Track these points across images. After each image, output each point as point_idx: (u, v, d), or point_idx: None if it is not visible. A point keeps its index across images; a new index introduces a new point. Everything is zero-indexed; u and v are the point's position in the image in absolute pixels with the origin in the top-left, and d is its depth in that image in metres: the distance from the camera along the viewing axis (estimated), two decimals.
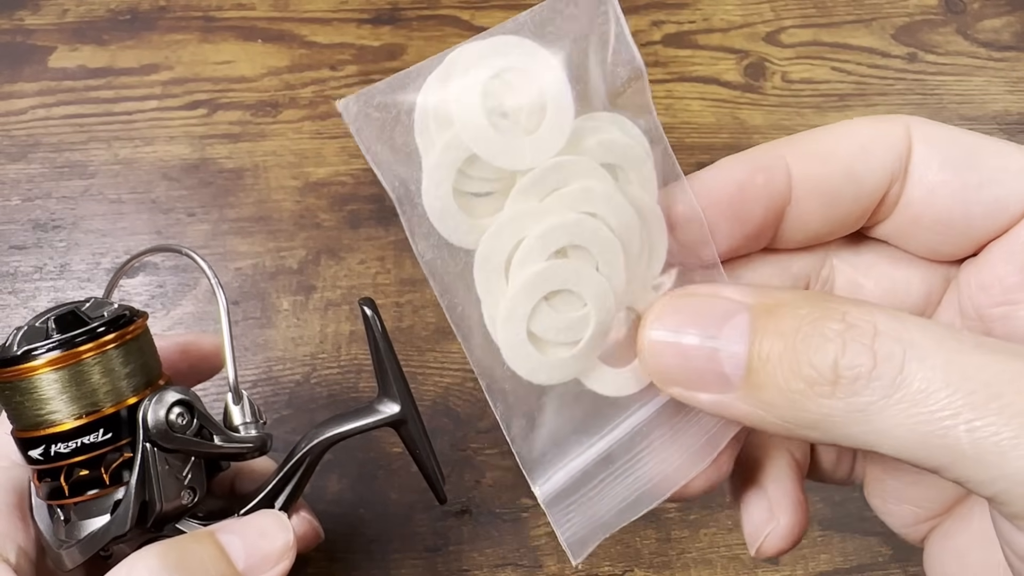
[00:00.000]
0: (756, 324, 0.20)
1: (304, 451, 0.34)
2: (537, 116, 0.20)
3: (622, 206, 0.21)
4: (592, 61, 0.21)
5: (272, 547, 0.30)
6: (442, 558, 0.42)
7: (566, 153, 0.20)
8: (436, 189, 0.20)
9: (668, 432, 0.23)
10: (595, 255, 0.21)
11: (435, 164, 0.20)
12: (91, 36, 0.63)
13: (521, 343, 0.21)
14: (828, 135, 0.24)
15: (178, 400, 0.31)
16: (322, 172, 0.56)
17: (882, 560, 0.42)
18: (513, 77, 0.20)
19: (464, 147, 0.20)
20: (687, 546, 0.42)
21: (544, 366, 0.21)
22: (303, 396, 0.47)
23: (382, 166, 0.20)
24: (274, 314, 0.50)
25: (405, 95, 0.20)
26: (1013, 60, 0.63)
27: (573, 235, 0.21)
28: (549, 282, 0.21)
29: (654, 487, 0.23)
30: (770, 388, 0.19)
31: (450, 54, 0.20)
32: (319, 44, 0.63)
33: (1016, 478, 0.17)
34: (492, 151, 0.20)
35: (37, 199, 0.54)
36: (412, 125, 0.20)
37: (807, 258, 0.25)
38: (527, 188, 0.20)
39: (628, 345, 0.22)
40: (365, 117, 0.19)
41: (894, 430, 0.18)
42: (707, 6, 0.65)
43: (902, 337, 0.18)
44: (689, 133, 0.58)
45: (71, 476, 0.30)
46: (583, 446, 0.22)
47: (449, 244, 0.20)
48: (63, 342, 0.30)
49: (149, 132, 0.58)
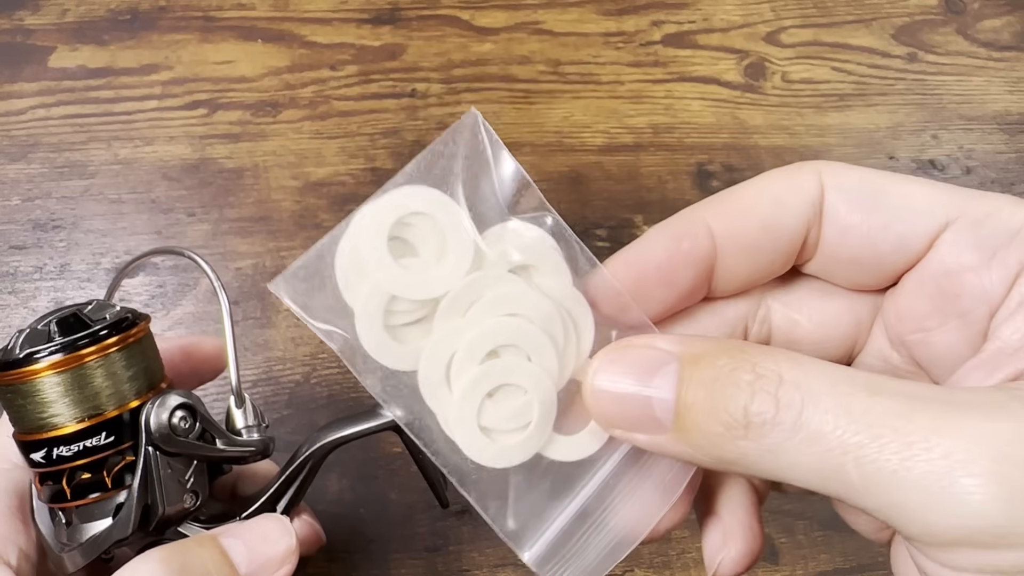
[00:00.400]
0: (683, 374, 0.22)
1: (306, 455, 0.34)
2: (442, 245, 0.23)
3: (537, 299, 0.24)
4: (482, 184, 0.24)
5: (275, 551, 0.30)
6: (442, 558, 0.42)
7: (475, 270, 0.23)
8: (369, 331, 0.23)
9: (632, 480, 0.25)
10: (524, 348, 0.24)
11: (362, 311, 0.23)
12: (91, 36, 0.63)
13: (476, 437, 0.24)
14: (745, 191, 0.26)
15: (181, 403, 0.31)
16: (322, 172, 0.56)
17: (882, 560, 0.42)
18: (414, 220, 0.23)
19: (383, 291, 0.23)
20: (687, 546, 0.42)
21: (503, 452, 0.24)
22: (303, 396, 0.47)
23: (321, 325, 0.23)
24: (274, 314, 0.50)
25: (324, 262, 0.23)
26: (1013, 60, 0.63)
27: (497, 337, 0.24)
28: (486, 382, 0.24)
29: (628, 533, 0.25)
30: (694, 431, 0.22)
31: (353, 217, 0.23)
32: (319, 44, 0.63)
33: (901, 505, 0.20)
34: (408, 288, 0.23)
35: (37, 199, 0.54)
36: (336, 285, 0.23)
37: (742, 303, 0.27)
38: (448, 309, 0.23)
39: (579, 412, 0.25)
40: (294, 291, 0.23)
41: (798, 467, 0.21)
42: (707, 6, 0.65)
43: (801, 384, 0.21)
44: (689, 133, 0.58)
45: (73, 479, 0.30)
46: (558, 509, 0.25)
47: (394, 372, 0.24)
48: (65, 345, 0.30)
49: (149, 132, 0.58)
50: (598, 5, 0.65)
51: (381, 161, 0.56)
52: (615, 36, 0.64)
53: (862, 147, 0.58)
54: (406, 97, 0.60)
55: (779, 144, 0.57)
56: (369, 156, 0.56)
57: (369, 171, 0.56)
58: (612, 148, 0.57)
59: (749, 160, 0.56)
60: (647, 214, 0.53)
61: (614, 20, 0.65)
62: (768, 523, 0.43)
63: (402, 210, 0.23)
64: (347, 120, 0.58)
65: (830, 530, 0.43)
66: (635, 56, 0.62)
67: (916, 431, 0.20)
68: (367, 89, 0.60)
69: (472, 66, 0.62)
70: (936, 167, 0.57)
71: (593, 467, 0.25)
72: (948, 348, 0.25)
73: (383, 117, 0.59)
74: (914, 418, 0.20)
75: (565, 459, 0.25)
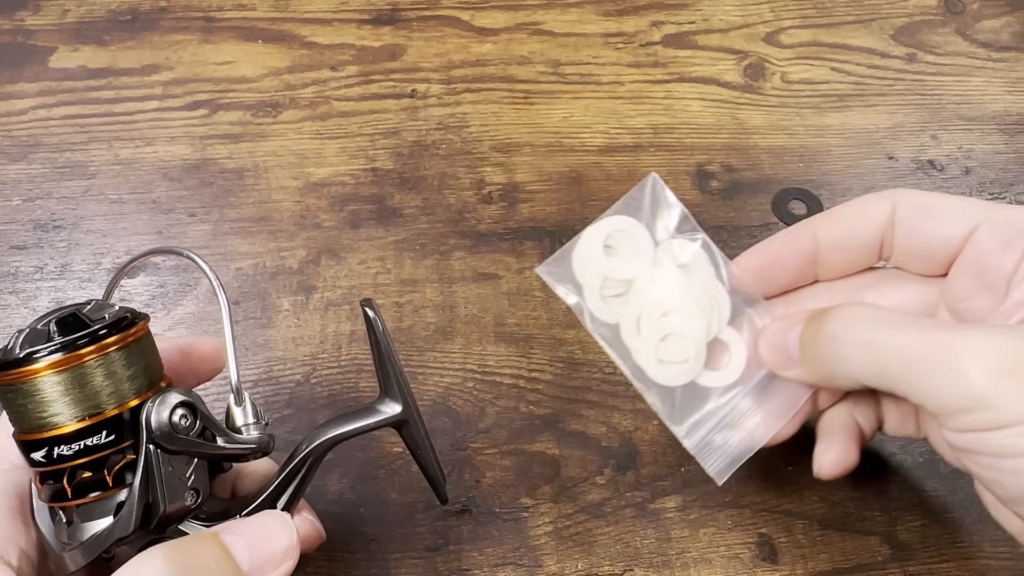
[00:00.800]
0: (804, 330, 0.36)
1: (306, 452, 0.34)
2: (634, 251, 0.39)
3: (691, 284, 0.39)
4: (659, 214, 0.40)
5: (276, 548, 0.31)
6: (442, 558, 0.42)
7: (654, 266, 0.39)
8: (592, 298, 0.39)
9: (760, 401, 0.39)
10: (683, 312, 0.39)
11: (588, 287, 0.39)
12: (92, 36, 0.63)
13: (655, 366, 0.39)
14: (842, 207, 0.38)
15: (181, 402, 0.31)
16: (322, 172, 0.56)
17: (881, 560, 0.42)
18: (617, 235, 0.39)
19: (600, 275, 0.39)
20: (687, 546, 0.42)
21: (671, 376, 0.39)
22: (303, 396, 0.47)
23: (564, 294, 0.39)
24: (274, 314, 0.50)
25: (566, 256, 0.39)
26: (1012, 60, 0.63)
27: (666, 305, 0.39)
28: (660, 331, 0.39)
29: (759, 434, 0.39)
30: (810, 363, 0.36)
31: (583, 233, 0.39)
32: (319, 45, 0.63)
33: (923, 388, 0.31)
34: (614, 273, 0.39)
35: (38, 199, 0.55)
36: (573, 273, 0.39)
37: (842, 287, 0.39)
38: (637, 287, 0.39)
39: (720, 357, 0.40)
40: (548, 273, 0.39)
41: (863, 370, 0.33)
42: (707, 6, 0.65)
43: (863, 320, 0.34)
44: (688, 133, 0.58)
45: (74, 478, 0.30)
46: (708, 414, 0.39)
47: (608, 324, 0.39)
48: (65, 344, 0.30)
49: (150, 132, 0.58)
50: (598, 6, 0.65)
51: (381, 161, 0.56)
52: (615, 37, 0.64)
53: (861, 147, 0.58)
54: (406, 97, 0.60)
55: (779, 144, 0.57)
56: (369, 156, 0.57)
57: (369, 171, 0.56)
58: (612, 148, 0.57)
59: (749, 160, 0.56)
60: None
61: (614, 21, 0.65)
62: (767, 523, 0.43)
63: (610, 228, 0.39)
64: (347, 120, 0.58)
65: (830, 530, 0.43)
66: (635, 57, 0.62)
67: (939, 338, 0.31)
68: (367, 89, 0.60)
69: (472, 66, 0.62)
70: (935, 167, 0.57)
71: (732, 390, 0.39)
72: (983, 310, 0.35)
73: (383, 117, 0.59)
74: (938, 330, 0.31)
75: (711, 385, 0.39)
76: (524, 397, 0.47)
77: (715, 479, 0.39)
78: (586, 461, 0.45)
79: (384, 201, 0.54)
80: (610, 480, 0.44)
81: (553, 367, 0.48)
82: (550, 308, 0.50)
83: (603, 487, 0.44)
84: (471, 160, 0.56)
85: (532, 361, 0.48)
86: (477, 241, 0.53)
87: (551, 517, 0.43)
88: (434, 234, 0.53)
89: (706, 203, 0.54)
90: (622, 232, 0.39)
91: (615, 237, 0.39)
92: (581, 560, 0.42)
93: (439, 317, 0.50)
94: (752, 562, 0.42)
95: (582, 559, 0.42)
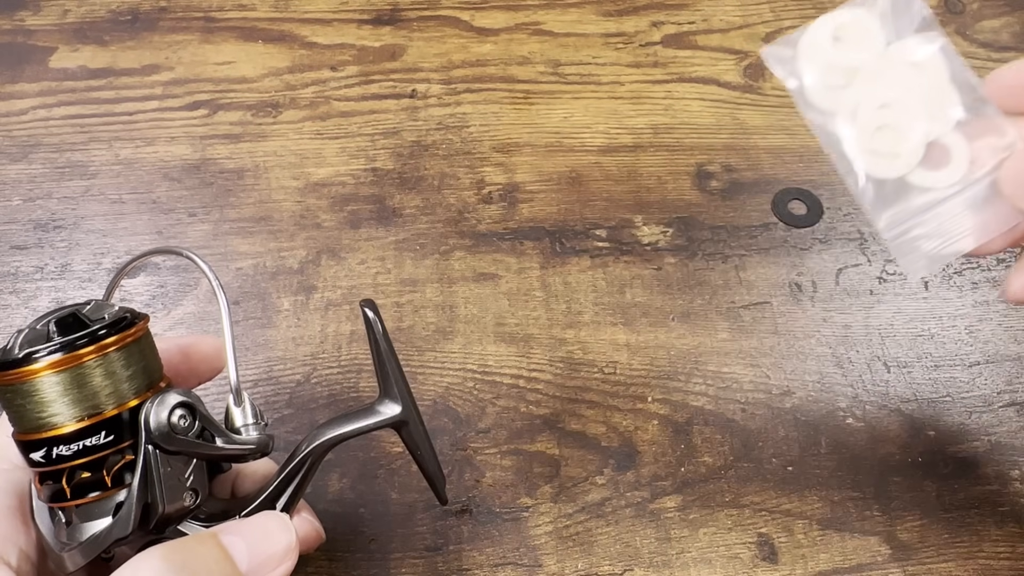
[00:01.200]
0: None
1: (305, 452, 0.34)
2: (865, 44, 0.37)
3: (917, 78, 0.37)
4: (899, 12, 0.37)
5: (275, 548, 0.30)
6: (442, 558, 0.42)
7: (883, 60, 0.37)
8: (812, 85, 0.37)
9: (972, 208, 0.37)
10: (903, 105, 0.37)
11: (811, 73, 0.37)
12: (92, 37, 0.63)
13: (867, 155, 0.37)
14: None
15: (180, 402, 0.31)
16: (322, 172, 0.56)
17: (881, 560, 0.42)
18: (850, 26, 0.37)
19: (824, 62, 0.37)
20: (687, 545, 0.42)
21: (881, 167, 0.37)
22: (303, 396, 0.47)
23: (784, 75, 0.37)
24: (275, 314, 0.50)
25: (790, 44, 0.37)
26: (1012, 60, 0.63)
27: (887, 95, 0.37)
28: (875, 121, 0.37)
29: (965, 241, 0.37)
30: None
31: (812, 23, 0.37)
32: (319, 45, 0.63)
33: None
34: (839, 59, 0.37)
35: (38, 199, 0.55)
36: (797, 56, 0.37)
37: None
38: (863, 76, 0.37)
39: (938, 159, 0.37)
40: (771, 55, 0.37)
41: None
42: (707, 7, 0.65)
43: None
44: (688, 134, 0.58)
45: (73, 478, 0.30)
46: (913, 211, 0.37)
47: (824, 112, 0.37)
48: (64, 345, 0.30)
49: (150, 132, 0.58)
50: (598, 6, 0.65)
51: (381, 161, 0.56)
52: (615, 37, 0.64)
53: None
54: (406, 98, 0.60)
55: (779, 144, 0.57)
56: (369, 156, 0.57)
57: (370, 171, 0.56)
58: (612, 148, 0.57)
59: (749, 160, 0.56)
60: (646, 214, 0.54)
61: (614, 21, 0.65)
62: (767, 523, 0.43)
63: (844, 19, 0.37)
64: (347, 120, 0.59)
65: (830, 530, 0.43)
66: (635, 57, 0.62)
67: None
68: (367, 90, 0.60)
69: (472, 66, 0.62)
70: None
71: (942, 194, 0.37)
72: None
73: (383, 117, 0.59)
74: None
75: (918, 183, 0.37)
76: (524, 397, 0.47)
77: (909, 275, 0.40)
78: (586, 461, 0.45)
79: (384, 201, 0.54)
80: (610, 480, 0.44)
81: (553, 367, 0.48)
82: (550, 308, 0.50)
83: (603, 487, 0.44)
84: (471, 160, 0.57)
85: (532, 361, 0.48)
86: (477, 241, 0.53)
87: (551, 517, 0.43)
88: (434, 234, 0.53)
89: (706, 203, 0.54)
90: (856, 24, 0.37)
91: (847, 28, 0.37)
92: (581, 560, 0.42)
93: (439, 317, 0.50)
94: (752, 562, 0.42)
95: (582, 559, 0.42)
